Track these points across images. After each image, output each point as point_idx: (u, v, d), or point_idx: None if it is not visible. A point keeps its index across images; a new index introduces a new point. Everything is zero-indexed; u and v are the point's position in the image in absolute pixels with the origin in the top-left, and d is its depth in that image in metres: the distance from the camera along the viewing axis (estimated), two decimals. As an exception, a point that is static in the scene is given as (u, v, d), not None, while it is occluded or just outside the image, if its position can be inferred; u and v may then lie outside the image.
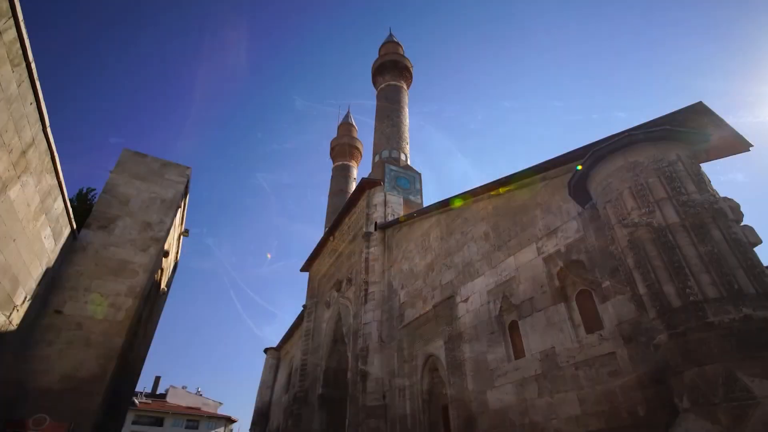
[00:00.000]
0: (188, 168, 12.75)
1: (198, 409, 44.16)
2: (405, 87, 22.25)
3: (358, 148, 28.74)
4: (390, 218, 14.92)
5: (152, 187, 11.78)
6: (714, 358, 4.11)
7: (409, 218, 12.77)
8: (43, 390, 8.10)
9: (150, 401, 42.20)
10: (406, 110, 21.06)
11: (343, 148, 28.24)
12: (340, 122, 31.41)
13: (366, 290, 13.63)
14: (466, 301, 9.42)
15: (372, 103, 22.35)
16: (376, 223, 14.87)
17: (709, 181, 5.61)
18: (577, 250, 6.99)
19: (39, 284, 8.36)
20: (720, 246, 4.61)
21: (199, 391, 48.47)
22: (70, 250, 9.78)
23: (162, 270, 14.29)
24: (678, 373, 4.42)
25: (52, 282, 9.13)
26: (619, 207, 5.54)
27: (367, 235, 14.60)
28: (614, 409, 5.61)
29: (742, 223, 4.98)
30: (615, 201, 5.63)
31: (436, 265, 11.11)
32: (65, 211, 8.88)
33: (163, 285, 15.11)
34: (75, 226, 9.65)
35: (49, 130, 7.01)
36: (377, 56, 24.52)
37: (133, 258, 10.47)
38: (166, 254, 13.11)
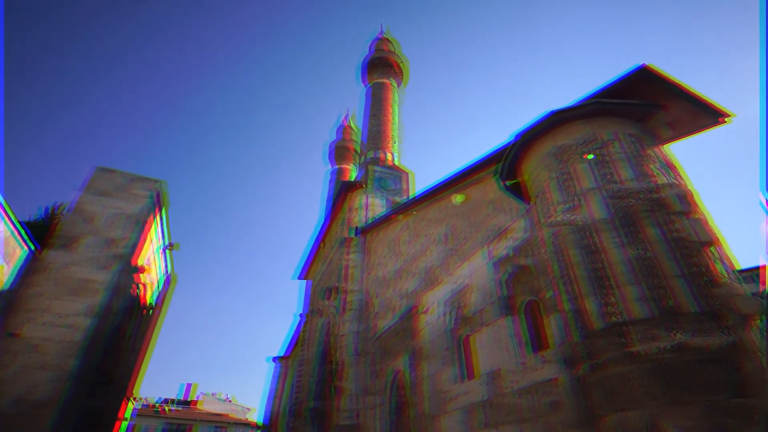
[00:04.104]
0: (158, 181, 12.54)
1: (226, 415, 44.99)
2: (394, 84, 21.28)
3: (357, 151, 28.09)
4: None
5: (117, 202, 11.64)
6: (636, 402, 3.04)
7: (381, 222, 11.93)
8: (-4, 414, 7.98)
9: (180, 408, 43.46)
10: (395, 108, 20.11)
11: (341, 152, 27.72)
12: (339, 125, 30.93)
13: (344, 299, 12.89)
14: (426, 312, 8.47)
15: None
16: (356, 228, 14.12)
17: (665, 163, 4.44)
18: (525, 254, 5.91)
19: (-10, 308, 8.25)
20: (655, 248, 3.50)
21: (227, 398, 49.51)
22: (30, 271, 9.73)
23: (144, 285, 14.22)
24: (599, 417, 3.37)
25: (8, 305, 9.06)
26: (545, 202, 4.48)
27: (346, 241, 13.87)
28: (554, 450, 4.55)
29: (696, 216, 3.82)
30: (542, 195, 4.58)
31: (404, 271, 10.20)
32: (14, 233, 8.80)
33: (148, 300, 15.05)
34: (33, 247, 9.61)
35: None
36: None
37: (95, 276, 10.31)
38: (139, 269, 12.98)
